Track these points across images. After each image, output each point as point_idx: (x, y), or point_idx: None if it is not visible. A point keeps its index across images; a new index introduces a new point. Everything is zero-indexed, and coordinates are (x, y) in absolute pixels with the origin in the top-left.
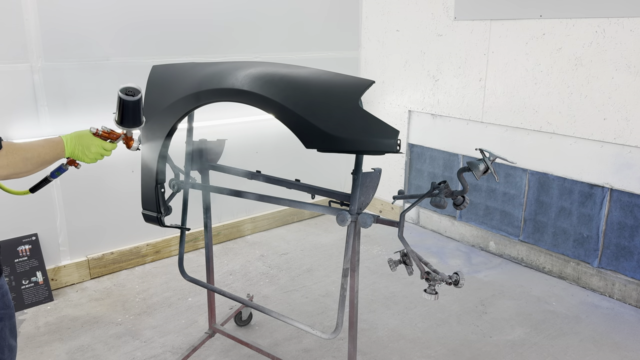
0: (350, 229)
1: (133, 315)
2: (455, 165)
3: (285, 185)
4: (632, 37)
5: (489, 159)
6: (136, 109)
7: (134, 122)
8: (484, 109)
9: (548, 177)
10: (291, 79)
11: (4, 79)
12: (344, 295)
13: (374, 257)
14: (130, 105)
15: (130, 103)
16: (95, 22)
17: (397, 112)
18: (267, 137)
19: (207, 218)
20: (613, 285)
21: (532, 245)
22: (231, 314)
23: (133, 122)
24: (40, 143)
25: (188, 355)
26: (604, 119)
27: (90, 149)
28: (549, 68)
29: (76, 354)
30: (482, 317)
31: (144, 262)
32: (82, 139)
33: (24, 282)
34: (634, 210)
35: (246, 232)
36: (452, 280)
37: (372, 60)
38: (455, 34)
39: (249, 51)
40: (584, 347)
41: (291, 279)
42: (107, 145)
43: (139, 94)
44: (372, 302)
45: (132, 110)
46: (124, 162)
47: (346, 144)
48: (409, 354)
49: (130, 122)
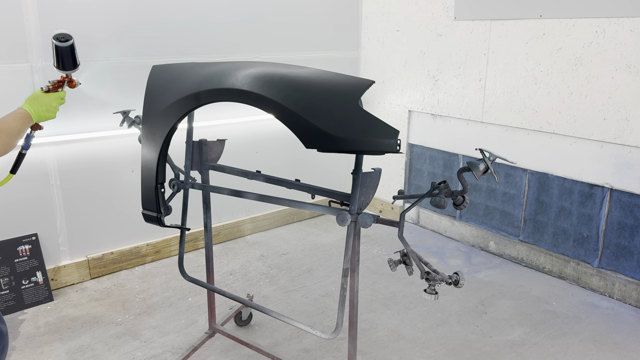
0: (350, 229)
1: (133, 315)
2: (455, 165)
3: (285, 185)
4: (632, 37)
5: (489, 159)
6: (71, 53)
7: (72, 65)
8: (484, 109)
9: (548, 177)
10: (291, 79)
11: (4, 79)
12: (344, 295)
13: (374, 257)
14: (65, 50)
15: (64, 48)
16: (95, 22)
17: (397, 112)
18: (267, 137)
19: (207, 218)
20: (613, 285)
21: (532, 245)
22: (231, 314)
23: (71, 65)
24: (14, 117)
25: (188, 355)
26: (604, 119)
27: (52, 104)
28: (549, 68)
29: (76, 354)
30: (482, 317)
31: (144, 262)
32: (40, 100)
33: (24, 282)
34: (634, 210)
35: (246, 232)
36: (452, 280)
37: (372, 60)
38: (455, 34)
39: (249, 51)
40: (584, 347)
41: (291, 279)
42: (61, 93)
43: (71, 39)
44: (372, 302)
45: (67, 54)
46: (124, 162)
47: (346, 144)
48: (409, 354)
49: (68, 65)
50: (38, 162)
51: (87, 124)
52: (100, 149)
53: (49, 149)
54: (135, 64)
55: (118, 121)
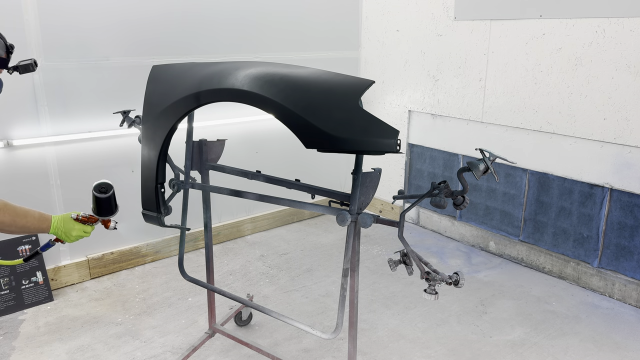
0: (350, 229)
1: (133, 315)
2: (455, 165)
3: (285, 185)
4: (632, 37)
5: (489, 159)
6: (109, 202)
7: (108, 213)
8: (484, 109)
9: (548, 177)
10: (291, 79)
11: (4, 79)
12: (344, 295)
13: (374, 257)
14: (104, 200)
15: (103, 199)
16: (95, 22)
17: (397, 112)
18: (267, 137)
19: (207, 218)
20: (613, 285)
21: (532, 245)
22: (231, 314)
23: (107, 213)
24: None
25: (188, 355)
26: (603, 119)
27: (72, 233)
28: (549, 68)
29: (76, 354)
30: (482, 317)
31: (144, 262)
32: (66, 223)
33: (24, 282)
34: (634, 210)
35: (246, 232)
36: (452, 280)
37: (372, 60)
38: (455, 34)
39: (249, 51)
40: (584, 347)
41: (291, 279)
42: (87, 228)
43: (111, 189)
44: (372, 302)
45: (105, 204)
46: (124, 162)
47: (346, 144)
48: (409, 354)
49: (105, 213)
50: (38, 162)
51: (87, 124)
52: (100, 149)
53: (49, 149)
54: (135, 64)
55: (118, 121)
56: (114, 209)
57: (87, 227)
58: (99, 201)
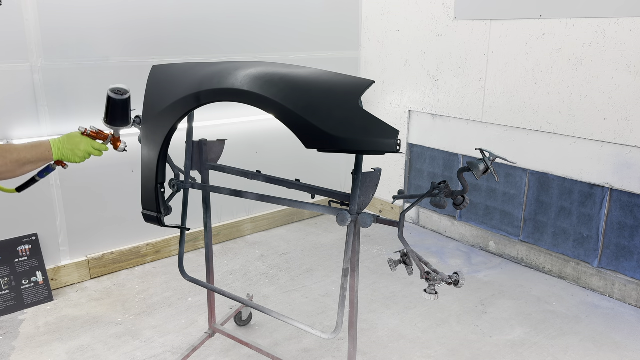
0: (350, 229)
1: (133, 315)
2: (455, 165)
3: (285, 185)
4: (632, 37)
5: (489, 159)
6: (125, 107)
7: (122, 121)
8: (484, 109)
9: (548, 177)
10: (291, 79)
11: (4, 79)
12: (344, 295)
13: (374, 257)
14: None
15: (119, 101)
16: (95, 22)
17: (397, 112)
18: (267, 137)
19: (207, 218)
20: (613, 285)
21: (532, 245)
22: (231, 314)
23: (122, 121)
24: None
25: (188, 355)
26: (603, 119)
27: (80, 147)
28: (549, 68)
29: (76, 354)
30: (482, 317)
31: (144, 262)
32: (71, 139)
33: (24, 282)
34: (634, 210)
35: (246, 232)
36: (452, 280)
37: (372, 60)
38: (455, 34)
39: (249, 51)
40: (584, 347)
41: (291, 279)
42: (96, 144)
43: (128, 93)
44: (372, 302)
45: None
46: (124, 162)
47: (346, 144)
48: (409, 354)
49: (119, 120)
50: None
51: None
52: None
53: None
54: (135, 64)
55: None
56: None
57: (96, 142)
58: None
